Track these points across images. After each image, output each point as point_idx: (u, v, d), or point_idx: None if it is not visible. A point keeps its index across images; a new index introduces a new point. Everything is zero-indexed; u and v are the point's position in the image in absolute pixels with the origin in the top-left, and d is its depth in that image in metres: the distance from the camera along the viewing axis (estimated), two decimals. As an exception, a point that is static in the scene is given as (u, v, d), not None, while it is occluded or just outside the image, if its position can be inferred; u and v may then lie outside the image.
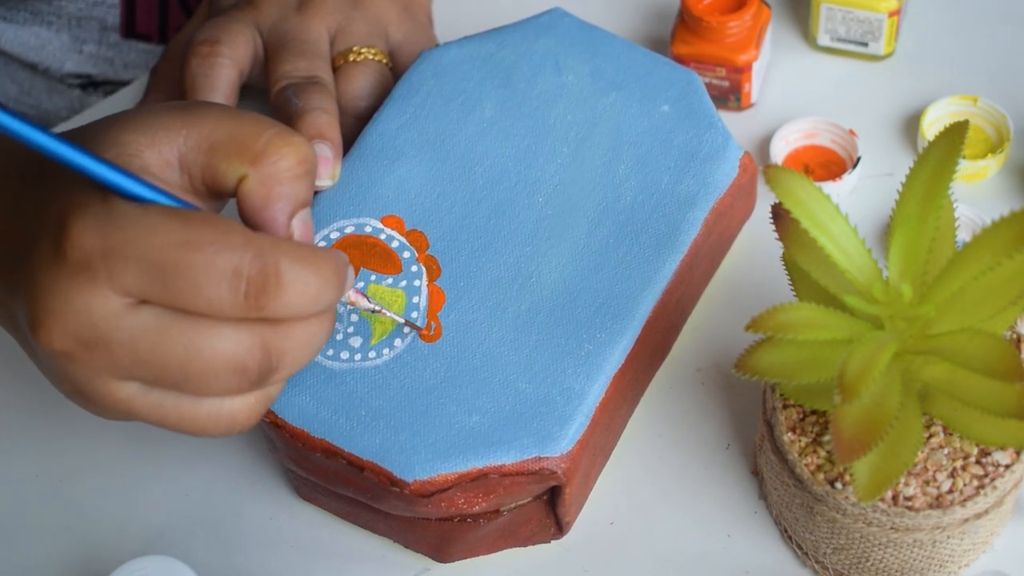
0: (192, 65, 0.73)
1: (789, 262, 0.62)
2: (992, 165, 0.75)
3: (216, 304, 0.50)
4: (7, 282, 0.54)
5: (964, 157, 0.59)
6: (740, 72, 0.77)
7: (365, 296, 0.61)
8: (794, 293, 0.62)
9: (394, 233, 0.67)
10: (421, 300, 0.65)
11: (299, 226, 0.55)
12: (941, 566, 0.62)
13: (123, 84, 0.93)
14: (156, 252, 0.50)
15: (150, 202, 0.52)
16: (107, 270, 0.50)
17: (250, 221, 0.54)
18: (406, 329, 0.64)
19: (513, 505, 0.64)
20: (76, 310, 0.50)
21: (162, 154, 0.54)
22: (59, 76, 0.93)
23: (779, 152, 0.77)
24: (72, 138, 0.54)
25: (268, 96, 0.74)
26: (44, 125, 0.91)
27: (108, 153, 0.53)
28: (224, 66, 0.73)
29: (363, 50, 0.75)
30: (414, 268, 0.66)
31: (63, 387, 0.54)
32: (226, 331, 0.51)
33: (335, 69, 0.75)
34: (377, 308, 0.61)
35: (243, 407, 0.54)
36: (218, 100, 0.72)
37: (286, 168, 0.54)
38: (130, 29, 0.93)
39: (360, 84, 0.74)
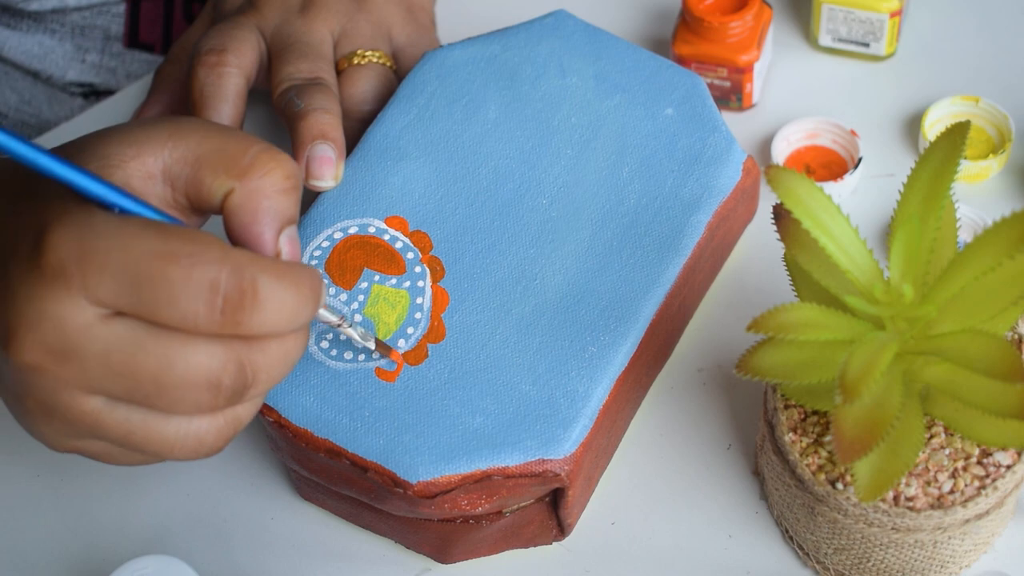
0: (200, 75, 0.73)
1: (790, 262, 0.62)
2: (994, 166, 0.75)
3: (191, 318, 0.49)
4: None
5: (966, 158, 0.59)
6: (741, 72, 0.77)
7: (329, 310, 0.60)
8: (795, 293, 0.62)
9: (398, 234, 0.67)
10: (425, 301, 0.65)
11: (286, 243, 0.54)
12: (942, 567, 0.63)
13: None
14: (132, 262, 0.49)
15: (131, 214, 0.51)
16: (82, 278, 0.49)
17: (236, 237, 0.53)
18: (375, 355, 0.63)
19: (516, 507, 0.64)
20: (49, 319, 0.50)
21: (146, 165, 0.53)
22: (61, 84, 0.93)
23: (780, 152, 0.77)
24: (57, 152, 0.54)
25: (271, 98, 0.74)
26: (44, 133, 0.91)
27: (91, 165, 0.52)
28: (232, 75, 0.73)
29: (367, 53, 0.75)
30: (418, 269, 0.66)
31: (27, 403, 0.52)
32: (201, 345, 0.50)
33: (339, 72, 0.74)
34: (340, 323, 0.60)
35: (211, 428, 0.53)
36: (227, 110, 0.72)
37: (272, 183, 0.53)
38: (133, 39, 0.93)
39: (364, 87, 0.74)
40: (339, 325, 0.60)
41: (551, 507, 0.65)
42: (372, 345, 0.62)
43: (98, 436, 0.53)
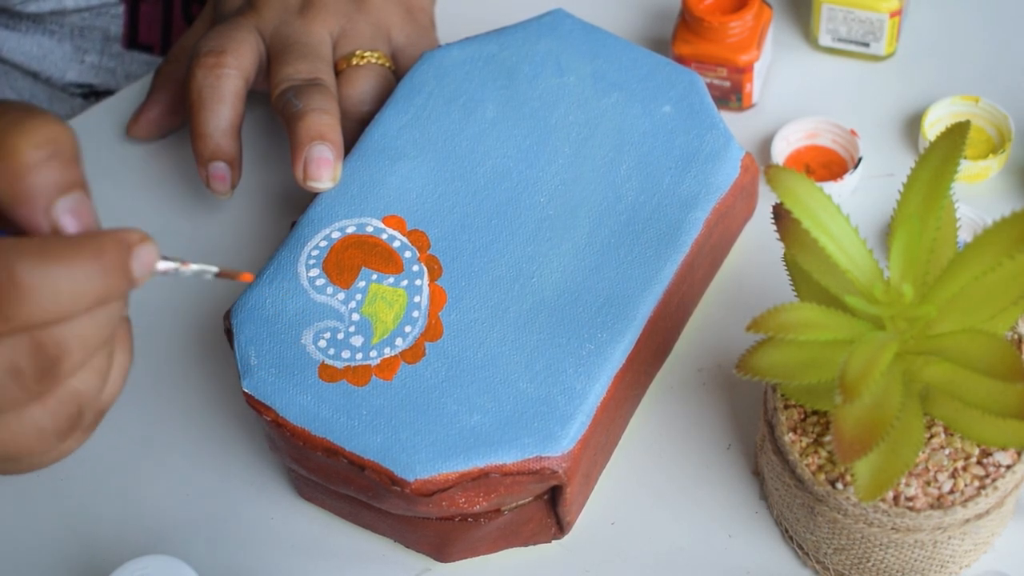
0: (198, 77, 0.73)
1: (790, 262, 0.62)
2: (993, 165, 0.75)
3: None
4: None
5: (965, 157, 0.59)
6: (741, 72, 0.77)
7: (165, 260, 0.50)
8: (795, 293, 0.62)
9: (396, 233, 0.67)
10: (422, 300, 0.65)
11: (66, 216, 0.47)
12: (942, 567, 0.62)
13: None
14: None
15: None
16: None
17: (10, 227, 0.48)
18: (208, 276, 0.53)
19: (514, 505, 0.64)
20: None
21: None
22: (60, 85, 0.93)
23: (780, 152, 0.77)
24: None
25: (270, 99, 0.74)
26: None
27: None
28: (230, 77, 0.73)
29: (366, 54, 0.75)
30: (415, 268, 0.66)
31: None
32: None
33: (338, 73, 0.74)
34: (177, 267, 0.51)
35: (44, 414, 0.48)
36: (225, 111, 0.73)
37: (27, 159, 0.46)
38: (132, 40, 0.93)
39: (363, 88, 0.74)
40: (179, 268, 0.51)
41: (550, 505, 0.65)
42: (214, 271, 0.53)
43: None
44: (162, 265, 0.50)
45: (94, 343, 0.47)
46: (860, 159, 0.75)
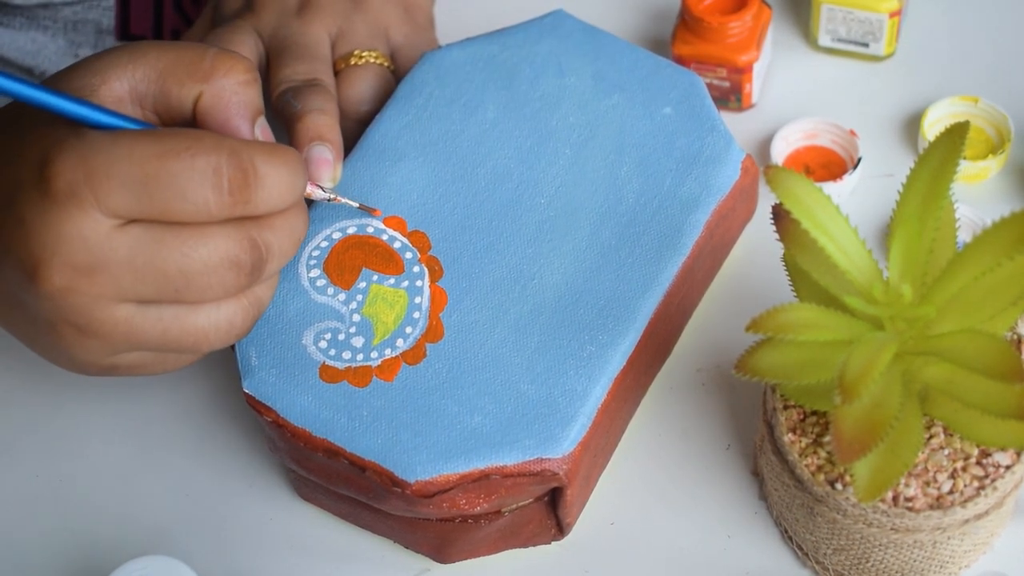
0: None
1: (790, 263, 0.62)
2: (993, 166, 0.75)
3: (203, 206, 0.53)
4: None
5: (965, 158, 0.59)
6: (741, 73, 0.77)
7: (319, 187, 0.65)
8: (794, 294, 0.62)
9: (396, 234, 0.67)
10: (423, 301, 0.65)
11: (260, 131, 0.58)
12: (941, 567, 0.63)
13: None
14: (137, 167, 0.52)
15: (119, 129, 0.55)
16: (93, 193, 0.52)
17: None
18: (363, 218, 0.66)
19: (514, 506, 0.64)
20: (70, 239, 0.52)
21: (113, 90, 0.56)
22: (55, 81, 0.93)
23: (780, 152, 0.77)
24: None
25: (269, 101, 0.73)
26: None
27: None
28: None
29: (364, 53, 0.75)
30: (416, 269, 0.66)
31: (60, 329, 0.55)
32: (215, 229, 0.54)
33: (336, 73, 0.74)
34: (332, 196, 0.65)
35: (238, 310, 0.57)
36: None
37: (236, 79, 0.57)
38: (124, 31, 0.93)
39: (362, 88, 0.74)
40: (333, 199, 0.65)
41: (550, 506, 0.65)
42: (356, 204, 0.66)
43: (134, 344, 0.56)
44: (317, 192, 0.64)
45: (288, 251, 0.56)
46: (859, 159, 0.75)
